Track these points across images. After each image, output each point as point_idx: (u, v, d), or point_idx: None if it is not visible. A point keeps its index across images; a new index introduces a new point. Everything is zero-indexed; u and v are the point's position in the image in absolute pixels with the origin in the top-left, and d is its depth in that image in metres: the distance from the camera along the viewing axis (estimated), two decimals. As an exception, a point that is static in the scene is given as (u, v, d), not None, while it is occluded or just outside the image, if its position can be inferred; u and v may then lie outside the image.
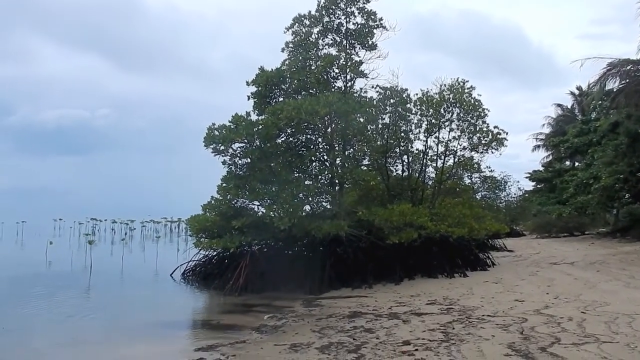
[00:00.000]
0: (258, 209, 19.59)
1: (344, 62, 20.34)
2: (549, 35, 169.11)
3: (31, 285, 20.37)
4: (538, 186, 60.62)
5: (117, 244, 46.12)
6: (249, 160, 19.48)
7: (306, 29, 21.27)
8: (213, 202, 19.60)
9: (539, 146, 63.79)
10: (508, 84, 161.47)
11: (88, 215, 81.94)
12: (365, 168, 22.30)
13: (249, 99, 21.32)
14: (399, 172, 23.73)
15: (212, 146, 18.62)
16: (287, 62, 21.10)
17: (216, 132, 18.40)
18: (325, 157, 20.46)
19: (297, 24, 21.44)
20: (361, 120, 20.00)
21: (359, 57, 21.04)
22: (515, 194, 51.26)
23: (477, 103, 22.82)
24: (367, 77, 20.80)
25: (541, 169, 61.69)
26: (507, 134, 22.98)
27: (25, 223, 65.47)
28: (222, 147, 18.60)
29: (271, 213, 18.10)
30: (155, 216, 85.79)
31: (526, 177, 61.19)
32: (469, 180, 36.08)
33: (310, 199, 19.24)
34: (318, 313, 13.69)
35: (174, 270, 22.95)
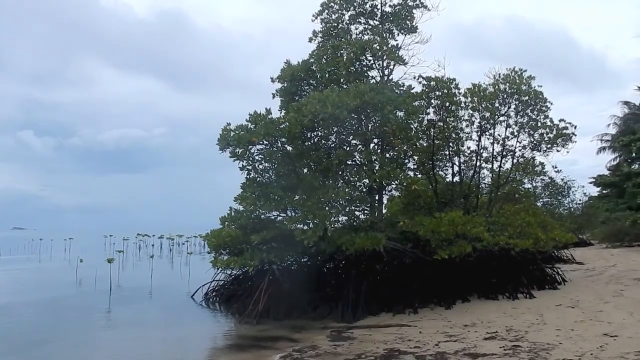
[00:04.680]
0: (284, 221, 16.86)
1: (378, 47, 17.44)
2: (601, 37, 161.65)
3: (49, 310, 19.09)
4: (604, 192, 55.64)
5: (160, 260, 44.72)
6: (270, 164, 16.87)
7: (336, 15, 18.68)
8: (233, 214, 17.10)
9: (604, 148, 58.86)
10: (560, 89, 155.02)
11: (141, 231, 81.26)
12: (410, 172, 19.40)
13: (273, 97, 18.92)
14: (450, 176, 20.69)
15: (228, 149, 16.10)
16: (315, 54, 18.52)
17: (232, 133, 15.89)
18: (361, 160, 17.60)
19: (326, 11, 18.88)
20: (401, 114, 17.06)
21: (396, 41, 18.26)
22: (580, 200, 46.91)
23: (538, 94, 19.62)
24: (407, 64, 17.86)
25: (607, 172, 56.64)
26: (575, 127, 19.69)
27: (72, 240, 65.06)
28: (239, 150, 16.04)
29: (296, 225, 15.41)
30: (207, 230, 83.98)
31: (590, 183, 56.30)
32: (530, 185, 32.38)
33: (342, 207, 16.43)
34: (345, 351, 10.86)
35: (196, 292, 20.55)
